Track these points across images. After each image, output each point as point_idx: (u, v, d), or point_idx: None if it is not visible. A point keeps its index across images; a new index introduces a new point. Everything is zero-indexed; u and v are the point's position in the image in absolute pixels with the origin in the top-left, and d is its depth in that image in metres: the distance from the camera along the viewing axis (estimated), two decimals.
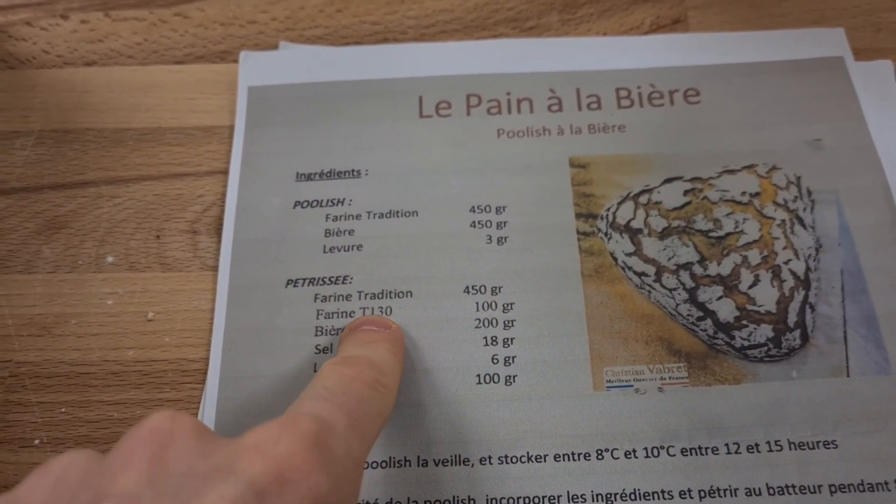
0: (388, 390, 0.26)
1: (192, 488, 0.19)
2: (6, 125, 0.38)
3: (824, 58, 0.38)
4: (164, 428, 0.21)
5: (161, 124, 0.38)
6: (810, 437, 0.30)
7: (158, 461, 0.20)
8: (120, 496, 0.19)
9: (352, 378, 0.25)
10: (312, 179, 0.36)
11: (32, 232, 0.36)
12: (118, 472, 0.20)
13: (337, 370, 0.25)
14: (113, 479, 0.20)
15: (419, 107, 0.38)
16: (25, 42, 0.41)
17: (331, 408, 0.23)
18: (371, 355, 0.27)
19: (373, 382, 0.26)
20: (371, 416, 0.24)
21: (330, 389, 0.24)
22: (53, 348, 0.33)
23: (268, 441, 0.20)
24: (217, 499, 0.18)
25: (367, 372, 0.26)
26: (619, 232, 0.34)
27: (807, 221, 0.34)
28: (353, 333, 0.31)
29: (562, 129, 0.37)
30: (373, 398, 0.25)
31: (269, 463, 0.20)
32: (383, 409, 0.26)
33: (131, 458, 0.20)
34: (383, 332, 0.31)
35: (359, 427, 0.23)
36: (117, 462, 0.20)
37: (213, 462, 0.20)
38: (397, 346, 0.30)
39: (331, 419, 0.22)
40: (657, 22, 0.40)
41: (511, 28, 0.40)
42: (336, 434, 0.22)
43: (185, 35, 0.41)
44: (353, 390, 0.25)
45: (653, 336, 0.32)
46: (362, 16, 0.41)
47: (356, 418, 0.23)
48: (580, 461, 0.30)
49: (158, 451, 0.20)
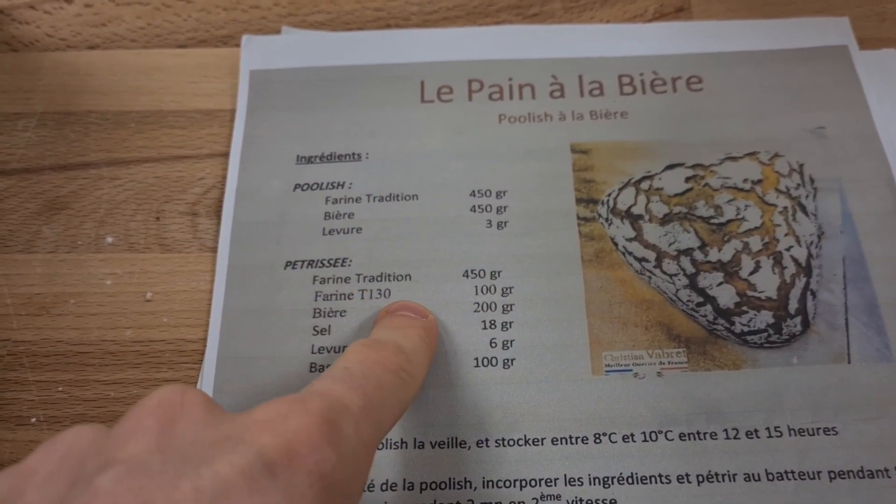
0: (413, 378, 0.26)
1: (201, 456, 0.19)
2: (9, 107, 0.38)
3: (829, 46, 0.38)
4: (174, 400, 0.21)
5: (163, 107, 0.38)
6: (810, 424, 0.30)
7: (167, 431, 0.20)
8: (128, 462, 0.19)
9: (374, 362, 0.25)
10: (313, 162, 0.36)
11: (33, 212, 0.36)
12: (126, 440, 0.20)
13: (361, 352, 0.25)
14: (121, 447, 0.20)
15: (421, 92, 0.38)
16: (29, 25, 0.41)
17: (345, 389, 0.23)
18: (400, 341, 0.27)
19: (396, 369, 0.25)
20: (389, 401, 0.24)
21: (350, 370, 0.24)
22: (52, 327, 0.33)
23: (277, 416, 0.20)
24: (227, 466, 0.18)
25: (392, 357, 0.26)
26: (620, 217, 0.34)
27: (809, 209, 0.34)
28: (387, 317, 0.30)
29: (563, 115, 0.37)
30: (393, 384, 0.25)
31: (278, 436, 0.20)
32: (404, 396, 0.25)
33: (140, 427, 0.20)
34: (418, 319, 0.30)
35: (373, 411, 0.23)
36: (125, 431, 0.20)
37: (222, 432, 0.20)
38: (430, 335, 0.30)
39: (343, 399, 0.22)
40: (661, 10, 0.39)
41: (514, 15, 0.40)
42: (347, 415, 0.22)
43: (188, 20, 0.41)
44: (374, 374, 0.24)
45: (652, 321, 0.32)
46: (365, 2, 0.41)
47: (371, 402, 0.23)
48: (578, 445, 0.30)
49: (167, 422, 0.20)
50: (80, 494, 0.18)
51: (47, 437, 0.30)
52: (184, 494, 0.17)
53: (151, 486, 0.18)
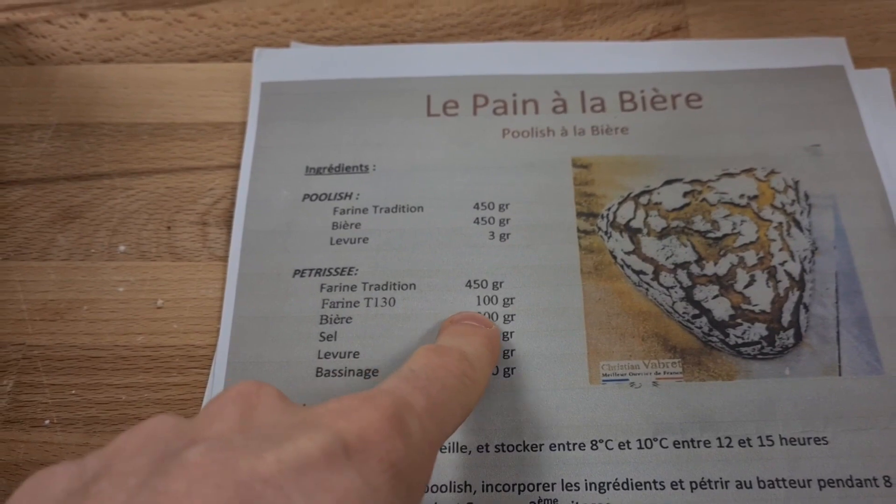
0: (475, 384, 0.27)
1: (283, 434, 0.20)
2: (25, 118, 0.40)
3: (825, 66, 0.39)
4: (251, 391, 0.23)
5: (174, 120, 0.39)
6: (801, 434, 0.31)
7: (248, 415, 0.22)
8: (211, 439, 0.20)
9: (439, 365, 0.26)
10: (321, 173, 0.37)
11: (48, 221, 0.37)
12: (210, 423, 0.21)
13: (427, 356, 0.26)
14: (205, 428, 0.21)
15: (427, 105, 0.39)
16: (45, 39, 0.42)
17: (411, 389, 0.24)
18: (464, 347, 0.28)
19: (459, 374, 0.26)
20: (452, 404, 0.25)
21: (415, 372, 0.25)
22: (65, 332, 0.34)
23: (349, 408, 0.21)
24: (308, 441, 0.19)
25: (456, 363, 0.26)
26: (619, 231, 0.35)
27: (803, 224, 0.35)
28: (452, 325, 0.31)
29: (566, 129, 0.38)
30: (457, 388, 0.25)
31: (352, 423, 0.21)
32: (467, 401, 0.26)
33: (221, 412, 0.22)
34: (481, 328, 0.31)
35: (437, 412, 0.24)
36: (208, 417, 0.22)
37: (299, 417, 0.21)
38: (493, 343, 0.30)
39: (409, 399, 0.23)
40: (658, 28, 0.41)
41: (516, 32, 0.41)
42: (412, 412, 0.22)
43: (200, 34, 0.42)
44: (438, 377, 0.25)
45: (649, 332, 0.33)
46: (371, 18, 0.42)
47: (436, 403, 0.24)
48: (575, 451, 0.31)
49: (247, 409, 0.22)
50: (169, 465, 0.19)
51: (60, 439, 0.32)
52: (267, 465, 0.19)
53: (237, 457, 0.19)
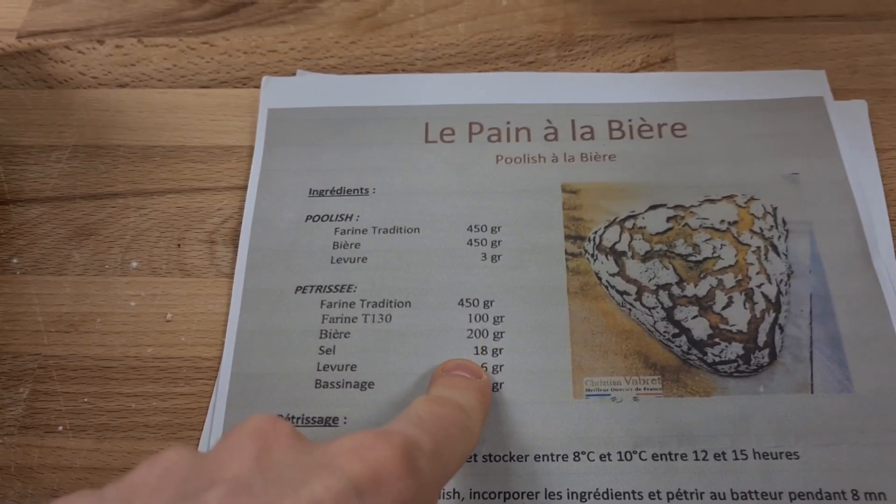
0: (472, 434, 0.28)
1: (298, 478, 0.20)
2: (44, 139, 0.42)
3: (805, 97, 0.41)
4: (267, 428, 0.23)
5: (186, 143, 0.41)
6: (774, 448, 0.32)
7: (265, 454, 0.22)
8: (231, 482, 0.20)
9: (441, 415, 0.27)
10: (324, 196, 0.39)
11: (64, 237, 0.39)
12: (227, 461, 0.21)
13: (429, 406, 0.27)
14: (223, 467, 0.21)
15: (425, 132, 0.41)
16: (64, 64, 0.44)
17: (420, 432, 0.25)
18: (460, 400, 0.29)
19: (459, 424, 0.27)
20: (453, 450, 0.26)
21: (421, 417, 0.26)
22: (79, 344, 0.36)
23: (363, 447, 0.22)
24: (322, 489, 0.20)
25: (456, 413, 0.28)
26: (605, 254, 0.37)
27: (780, 249, 0.37)
28: (445, 375, 0.32)
29: (556, 156, 0.40)
30: (457, 437, 0.27)
31: (366, 464, 0.21)
32: (465, 449, 0.27)
33: (239, 450, 0.22)
34: (474, 380, 0.32)
35: (441, 456, 0.25)
36: (225, 454, 0.22)
37: (314, 458, 0.22)
38: (485, 395, 0.32)
39: (419, 440, 0.24)
40: (647, 60, 0.43)
41: (511, 62, 0.43)
42: (422, 453, 0.24)
43: (211, 62, 0.44)
44: (441, 425, 0.26)
45: (631, 350, 0.35)
46: (374, 48, 0.44)
47: (440, 447, 0.25)
48: (558, 462, 0.32)
49: (263, 447, 0.22)
50: None
51: (73, 444, 0.33)
52: None
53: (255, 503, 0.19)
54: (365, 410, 0.34)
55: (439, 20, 0.45)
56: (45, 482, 0.33)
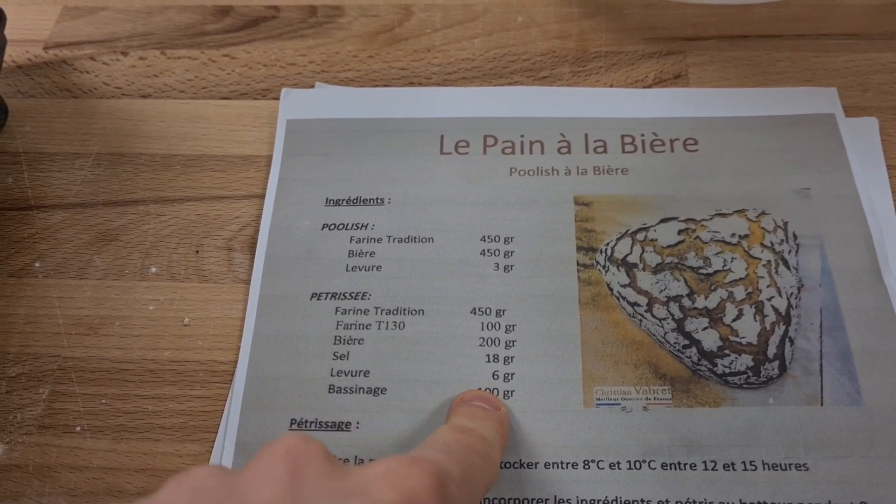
0: (494, 464, 0.28)
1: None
2: (68, 147, 0.43)
3: (817, 114, 0.41)
4: (300, 448, 0.22)
5: (206, 152, 0.42)
6: (783, 459, 0.32)
7: (297, 478, 0.21)
8: None
9: (466, 444, 0.27)
10: (340, 205, 0.40)
11: (86, 243, 0.40)
12: (260, 484, 0.21)
13: (454, 434, 0.28)
14: (255, 491, 0.21)
15: (440, 144, 0.41)
16: (88, 74, 0.45)
17: (449, 460, 0.25)
18: (482, 431, 0.29)
19: (483, 454, 0.27)
20: (478, 479, 0.26)
21: (449, 445, 0.26)
22: (98, 346, 0.37)
23: (397, 474, 0.22)
24: None
25: (479, 443, 0.28)
26: (616, 265, 0.37)
27: (791, 263, 0.37)
28: (465, 405, 0.32)
29: (569, 169, 0.40)
30: (481, 467, 0.27)
31: (399, 493, 0.21)
32: (488, 479, 0.27)
33: (272, 472, 0.21)
34: (493, 412, 0.32)
35: (468, 484, 0.25)
36: (257, 476, 0.21)
37: (347, 485, 0.21)
38: (504, 427, 0.32)
39: (449, 469, 0.24)
40: (660, 76, 0.43)
41: (526, 77, 0.44)
42: (451, 480, 0.24)
43: (232, 73, 0.45)
44: (467, 454, 0.26)
45: (641, 360, 0.35)
46: (391, 61, 0.45)
47: (467, 477, 0.25)
48: (568, 469, 0.33)
49: (295, 470, 0.22)
50: None
51: (90, 444, 0.34)
52: None
53: None
54: (377, 416, 0.34)
55: (456, 35, 0.46)
56: (62, 481, 0.34)
